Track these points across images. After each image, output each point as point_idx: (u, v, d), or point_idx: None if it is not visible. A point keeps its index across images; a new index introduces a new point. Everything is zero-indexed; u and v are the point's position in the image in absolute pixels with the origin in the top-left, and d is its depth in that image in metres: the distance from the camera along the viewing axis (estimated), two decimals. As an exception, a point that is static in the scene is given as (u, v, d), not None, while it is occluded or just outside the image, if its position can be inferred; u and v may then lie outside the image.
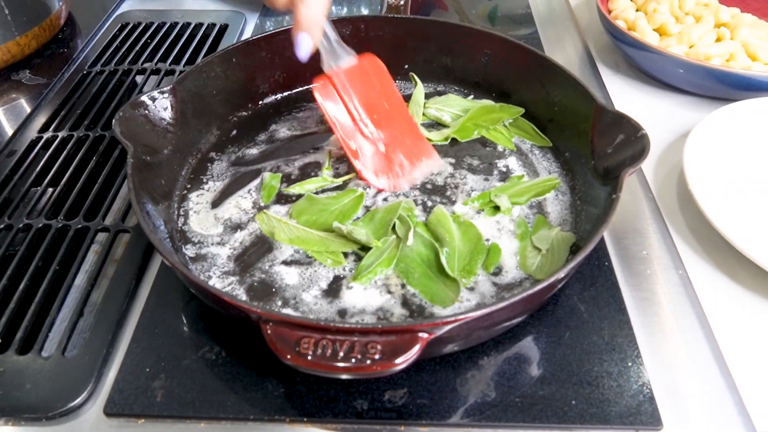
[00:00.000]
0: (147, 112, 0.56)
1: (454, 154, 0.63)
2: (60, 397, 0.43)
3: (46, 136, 0.69)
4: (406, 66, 0.73)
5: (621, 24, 0.76)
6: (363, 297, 0.48)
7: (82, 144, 0.67)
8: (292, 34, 0.52)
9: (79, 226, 0.57)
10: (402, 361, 0.36)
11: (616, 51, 0.81)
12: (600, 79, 0.78)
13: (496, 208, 0.56)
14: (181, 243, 0.53)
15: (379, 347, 0.36)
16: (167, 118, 0.58)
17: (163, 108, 0.57)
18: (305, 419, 0.42)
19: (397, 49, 0.72)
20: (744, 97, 0.66)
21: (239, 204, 0.57)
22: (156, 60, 0.82)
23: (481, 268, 0.50)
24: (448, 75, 0.72)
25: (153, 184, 0.54)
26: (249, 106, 0.69)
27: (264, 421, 0.42)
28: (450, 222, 0.53)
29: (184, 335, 0.47)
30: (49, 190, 0.62)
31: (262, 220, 0.55)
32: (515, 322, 0.46)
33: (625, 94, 0.74)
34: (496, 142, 0.64)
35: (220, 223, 0.55)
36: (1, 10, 0.77)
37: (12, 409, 0.43)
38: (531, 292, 0.39)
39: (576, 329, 0.47)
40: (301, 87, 0.72)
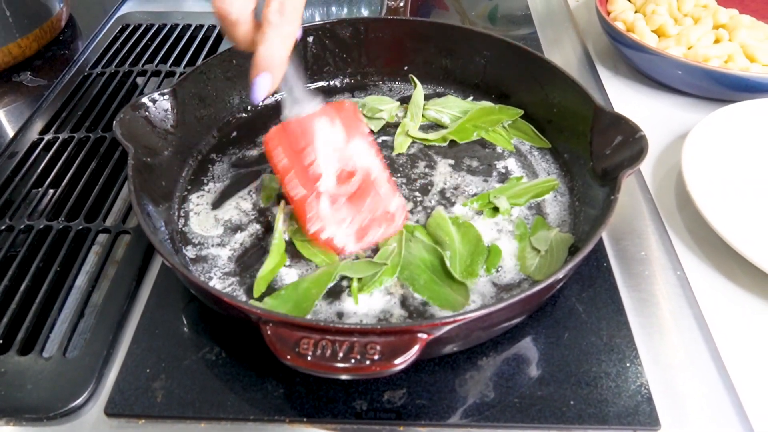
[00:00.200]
0: (147, 113, 0.56)
1: (453, 156, 0.63)
2: (61, 397, 0.44)
3: (47, 137, 0.69)
4: (406, 67, 0.73)
5: (620, 25, 0.77)
6: (362, 299, 0.48)
7: (83, 145, 0.67)
8: (250, 76, 0.45)
9: (80, 228, 0.57)
10: (401, 362, 0.36)
11: (615, 52, 0.82)
12: (599, 80, 0.78)
13: (495, 209, 0.56)
14: (182, 244, 0.53)
15: (378, 348, 0.36)
16: (168, 120, 0.58)
17: (163, 110, 0.57)
18: (305, 419, 0.42)
19: (397, 50, 0.72)
20: (742, 99, 0.66)
21: (239, 205, 0.58)
22: (156, 62, 0.82)
23: (482, 270, 0.51)
24: (448, 76, 0.72)
25: (153, 185, 0.54)
26: (249, 107, 0.69)
27: (264, 422, 0.43)
28: (449, 224, 0.53)
29: (185, 336, 0.48)
30: (50, 192, 0.62)
31: (281, 210, 0.55)
32: (514, 322, 0.46)
33: (624, 96, 0.74)
34: (495, 144, 0.64)
35: (220, 224, 0.55)
36: (2, 12, 0.78)
37: (13, 410, 0.43)
38: (530, 293, 0.39)
39: (574, 330, 0.48)
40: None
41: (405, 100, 0.70)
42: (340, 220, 0.51)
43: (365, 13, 0.95)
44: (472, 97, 0.71)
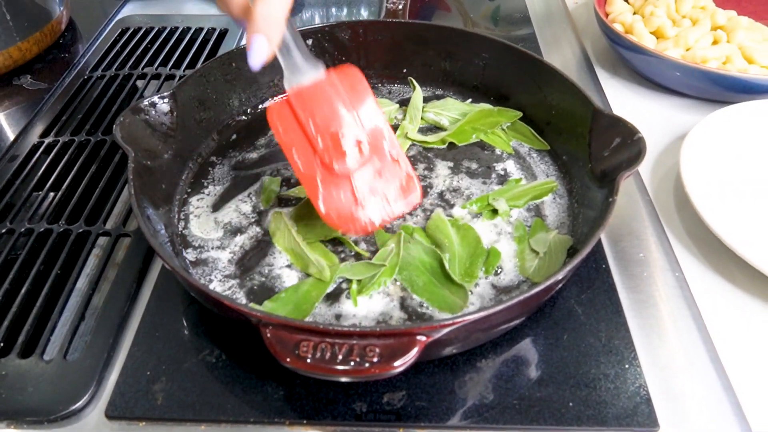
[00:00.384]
0: (147, 116, 0.56)
1: (452, 158, 0.63)
2: (61, 400, 0.44)
3: (47, 140, 0.69)
4: (405, 70, 0.73)
5: (618, 27, 0.77)
6: (362, 301, 0.49)
7: (83, 149, 0.68)
8: (246, 37, 0.43)
9: (81, 231, 0.57)
10: (400, 364, 0.36)
11: (613, 54, 0.82)
12: (597, 82, 0.78)
13: (494, 211, 0.56)
14: (182, 247, 0.54)
15: (377, 350, 0.36)
16: (168, 123, 0.58)
17: (163, 113, 0.58)
18: (305, 421, 0.43)
19: (396, 53, 0.72)
20: (740, 100, 0.66)
21: (239, 208, 0.58)
22: (156, 65, 0.82)
23: (481, 272, 0.51)
24: (447, 79, 0.73)
25: (153, 188, 0.54)
26: (249, 110, 0.69)
27: (264, 424, 0.43)
28: (448, 226, 0.53)
29: (185, 338, 0.48)
30: (51, 195, 0.62)
31: (275, 219, 0.55)
32: (513, 324, 0.47)
33: (622, 97, 0.74)
34: (494, 146, 0.64)
35: (220, 227, 0.56)
36: (3, 15, 0.78)
37: (14, 413, 0.43)
38: (528, 294, 0.39)
39: (573, 331, 0.48)
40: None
41: (404, 103, 0.70)
42: (353, 195, 0.48)
43: (364, 15, 0.95)
44: (470, 100, 0.71)
